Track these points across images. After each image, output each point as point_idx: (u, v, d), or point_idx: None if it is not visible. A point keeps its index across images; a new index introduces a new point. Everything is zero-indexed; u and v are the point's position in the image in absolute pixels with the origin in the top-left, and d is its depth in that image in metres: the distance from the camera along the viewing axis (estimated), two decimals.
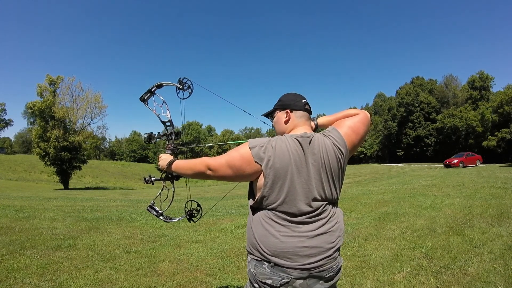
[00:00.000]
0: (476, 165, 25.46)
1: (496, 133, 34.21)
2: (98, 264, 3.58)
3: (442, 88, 53.95)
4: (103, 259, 3.79)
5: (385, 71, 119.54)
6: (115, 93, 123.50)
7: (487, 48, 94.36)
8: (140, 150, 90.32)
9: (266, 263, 1.23)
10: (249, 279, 1.31)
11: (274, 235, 1.22)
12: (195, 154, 78.00)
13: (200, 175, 1.36)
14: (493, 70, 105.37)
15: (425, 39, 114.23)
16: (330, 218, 1.28)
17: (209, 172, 1.32)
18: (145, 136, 1.73)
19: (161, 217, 1.77)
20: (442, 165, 27.31)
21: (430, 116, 50.38)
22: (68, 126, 30.31)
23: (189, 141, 77.98)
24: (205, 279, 3.22)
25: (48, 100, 28.42)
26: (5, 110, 74.45)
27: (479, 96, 46.30)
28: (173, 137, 1.72)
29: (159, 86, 1.74)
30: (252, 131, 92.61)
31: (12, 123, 76.75)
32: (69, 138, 28.89)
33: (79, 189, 28.99)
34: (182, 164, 1.47)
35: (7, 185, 27.97)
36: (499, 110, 34.61)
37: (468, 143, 43.07)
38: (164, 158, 1.56)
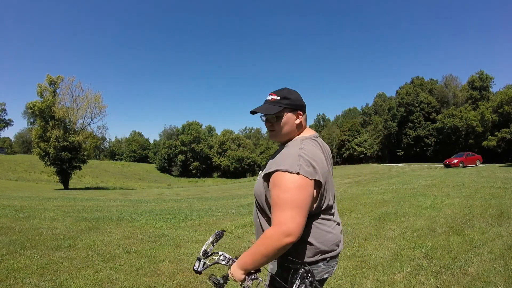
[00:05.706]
0: (476, 165, 25.44)
1: (496, 133, 34.27)
2: (98, 264, 3.58)
3: (442, 88, 53.96)
4: (103, 259, 3.79)
5: (385, 71, 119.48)
6: (115, 93, 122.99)
7: (486, 48, 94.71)
8: (140, 150, 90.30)
9: (321, 262, 1.26)
10: None
11: (329, 231, 1.28)
12: (195, 154, 77.85)
13: (282, 249, 1.09)
14: (493, 70, 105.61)
15: (425, 39, 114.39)
16: None
17: (289, 239, 1.07)
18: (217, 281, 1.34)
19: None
20: (442, 165, 27.29)
21: (430, 116, 50.40)
22: (68, 126, 30.26)
23: (191, 143, 77.41)
24: (205, 279, 3.21)
25: (48, 100, 28.37)
26: (5, 110, 74.47)
27: (479, 96, 46.33)
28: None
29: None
30: (252, 131, 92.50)
31: (12, 123, 76.71)
32: (69, 138, 28.85)
33: (79, 189, 29.00)
34: (252, 259, 1.16)
35: (7, 185, 27.97)
36: (499, 110, 34.69)
37: (468, 143, 43.07)
38: (234, 271, 1.24)
